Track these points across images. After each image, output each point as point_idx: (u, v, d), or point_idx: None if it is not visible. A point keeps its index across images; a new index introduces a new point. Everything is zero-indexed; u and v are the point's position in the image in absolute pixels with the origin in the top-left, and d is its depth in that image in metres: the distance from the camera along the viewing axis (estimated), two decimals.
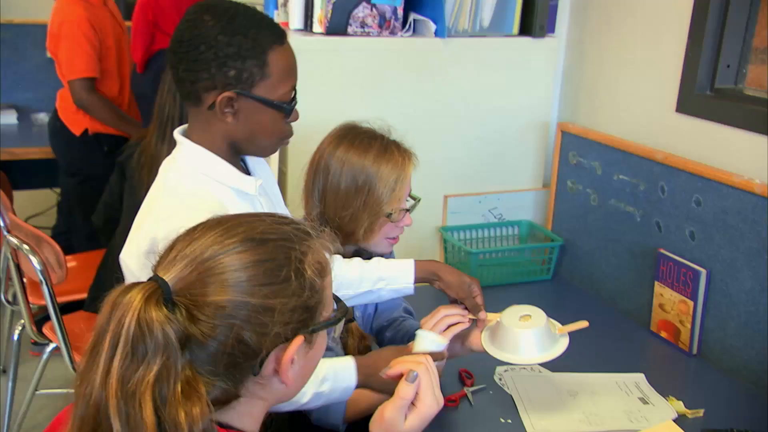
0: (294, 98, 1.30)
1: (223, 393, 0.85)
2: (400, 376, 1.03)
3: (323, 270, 0.91)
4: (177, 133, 1.33)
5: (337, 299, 0.96)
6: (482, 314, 1.46)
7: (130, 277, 1.27)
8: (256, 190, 1.35)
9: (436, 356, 1.37)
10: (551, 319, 1.45)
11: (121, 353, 0.78)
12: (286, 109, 1.28)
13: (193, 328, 0.82)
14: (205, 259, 0.84)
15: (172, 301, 0.82)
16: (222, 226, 0.88)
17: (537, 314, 1.42)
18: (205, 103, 1.25)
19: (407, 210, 1.59)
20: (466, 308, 1.47)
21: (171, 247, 0.88)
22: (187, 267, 0.84)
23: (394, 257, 1.73)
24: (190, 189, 1.27)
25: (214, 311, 0.82)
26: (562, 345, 1.41)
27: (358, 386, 1.36)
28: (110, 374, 0.78)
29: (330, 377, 1.34)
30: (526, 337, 1.39)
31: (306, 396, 1.32)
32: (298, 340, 0.87)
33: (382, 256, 1.61)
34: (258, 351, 0.84)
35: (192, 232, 0.88)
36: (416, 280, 1.52)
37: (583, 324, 1.42)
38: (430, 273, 1.51)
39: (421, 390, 1.00)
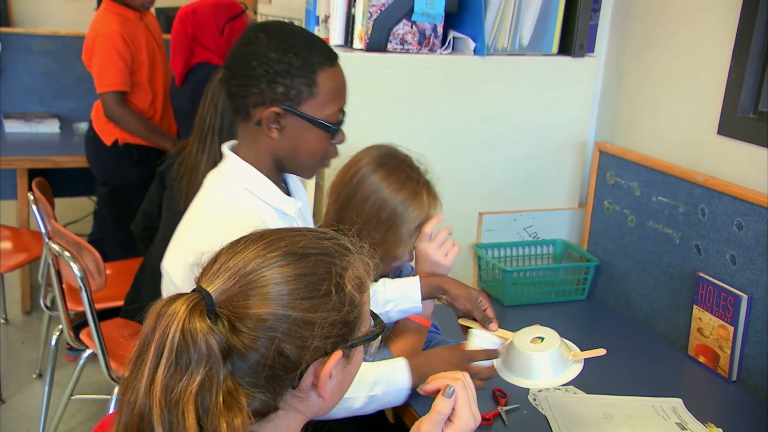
0: (341, 120, 1.33)
1: (263, 405, 0.86)
2: (437, 391, 1.03)
3: (362, 285, 0.92)
4: (225, 148, 1.36)
5: (374, 315, 0.97)
6: (493, 326, 1.45)
7: (170, 285, 1.30)
8: (295, 213, 1.38)
9: (490, 354, 1.37)
10: (569, 343, 1.43)
11: (166, 363, 0.80)
12: (332, 128, 1.30)
13: (234, 339, 0.83)
14: (248, 272, 0.85)
15: (215, 312, 0.83)
16: (264, 239, 0.89)
17: (551, 337, 1.40)
18: (253, 118, 1.28)
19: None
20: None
21: (215, 260, 0.89)
22: (230, 279, 0.85)
23: (411, 268, 1.74)
24: (234, 204, 1.30)
25: (256, 323, 0.83)
26: (572, 371, 1.38)
27: (413, 387, 1.37)
28: (155, 383, 0.80)
29: (382, 380, 1.35)
30: (535, 360, 1.37)
31: (358, 401, 1.33)
32: (337, 354, 0.88)
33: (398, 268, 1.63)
34: (297, 364, 0.85)
35: (235, 245, 0.90)
36: (424, 297, 1.52)
37: (600, 352, 1.39)
38: (435, 288, 1.51)
39: (458, 405, 1.00)
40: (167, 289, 1.31)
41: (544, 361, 1.37)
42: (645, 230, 1.99)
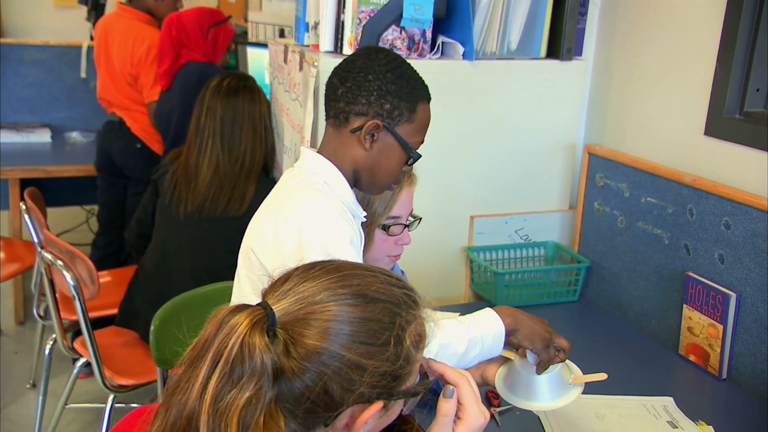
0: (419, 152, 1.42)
1: None
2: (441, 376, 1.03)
3: (421, 342, 0.92)
4: (303, 148, 1.44)
5: (422, 374, 0.97)
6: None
7: (257, 267, 1.36)
8: (362, 218, 1.45)
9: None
10: (571, 365, 1.44)
11: (220, 372, 0.81)
12: (414, 155, 1.39)
13: (285, 362, 0.84)
14: (315, 301, 0.86)
15: (274, 331, 0.84)
16: (339, 272, 0.90)
17: None
18: (350, 124, 1.37)
19: (406, 226, 1.64)
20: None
21: (287, 278, 0.90)
22: (296, 303, 0.86)
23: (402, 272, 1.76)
24: (324, 191, 1.37)
25: (309, 353, 0.84)
26: (572, 394, 1.40)
27: (508, 331, 1.36)
28: (207, 390, 0.81)
29: (474, 323, 1.35)
30: (536, 382, 1.39)
31: (461, 345, 1.32)
32: (378, 404, 0.87)
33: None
34: (339, 405, 0.85)
35: (309, 270, 0.90)
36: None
37: (601, 376, 1.41)
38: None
39: (465, 402, 0.99)
40: (250, 272, 1.39)
41: (544, 384, 1.39)
42: (634, 231, 2.01)
